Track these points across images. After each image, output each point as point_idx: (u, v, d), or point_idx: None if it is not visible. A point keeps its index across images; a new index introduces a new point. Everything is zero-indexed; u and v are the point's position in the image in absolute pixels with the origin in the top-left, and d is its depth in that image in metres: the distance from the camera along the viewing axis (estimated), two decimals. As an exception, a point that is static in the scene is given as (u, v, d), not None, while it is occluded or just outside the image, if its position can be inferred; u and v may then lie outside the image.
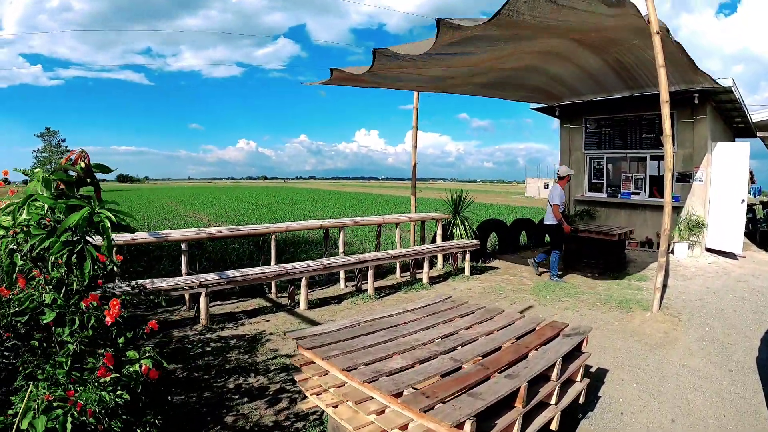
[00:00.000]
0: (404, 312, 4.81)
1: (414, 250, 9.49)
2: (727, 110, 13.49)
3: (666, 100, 6.89)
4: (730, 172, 12.35)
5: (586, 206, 14.41)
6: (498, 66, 9.40)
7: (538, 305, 8.05)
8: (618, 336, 6.63)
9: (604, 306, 7.97)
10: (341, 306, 8.08)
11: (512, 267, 11.17)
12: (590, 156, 14.63)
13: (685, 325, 7.08)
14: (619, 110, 13.52)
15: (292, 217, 23.32)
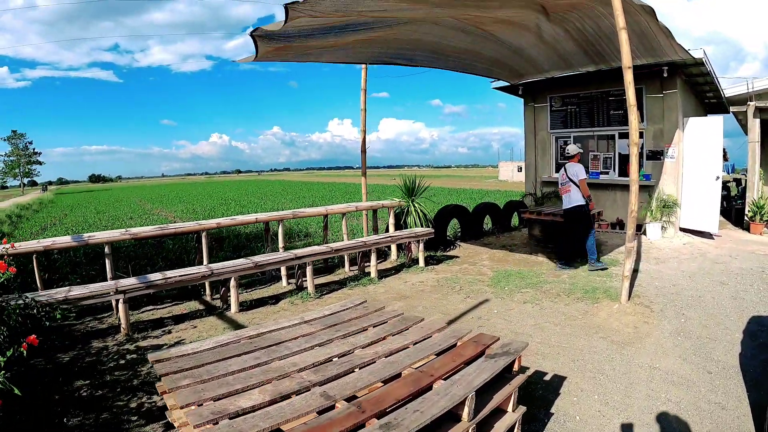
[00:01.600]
0: (299, 324, 3.88)
1: (359, 241, 8.54)
2: (698, 84, 12.88)
3: (628, 66, 6.11)
4: (703, 148, 11.70)
5: (554, 188, 13.53)
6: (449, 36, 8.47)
7: (495, 299, 7.19)
8: (581, 333, 5.78)
9: (568, 297, 7.13)
10: (277, 307, 7.20)
11: (473, 255, 10.30)
12: (556, 135, 13.91)
13: (657, 316, 6.26)
14: (584, 87, 12.84)
15: (261, 211, 22.26)
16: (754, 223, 12.79)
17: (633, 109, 6.17)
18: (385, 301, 6.92)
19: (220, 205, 27.99)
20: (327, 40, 7.73)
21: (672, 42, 8.52)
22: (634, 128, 6.18)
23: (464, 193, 32.84)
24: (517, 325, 6.10)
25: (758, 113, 13.35)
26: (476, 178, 73.74)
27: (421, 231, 9.36)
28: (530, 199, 13.86)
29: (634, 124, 6.18)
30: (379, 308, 4.20)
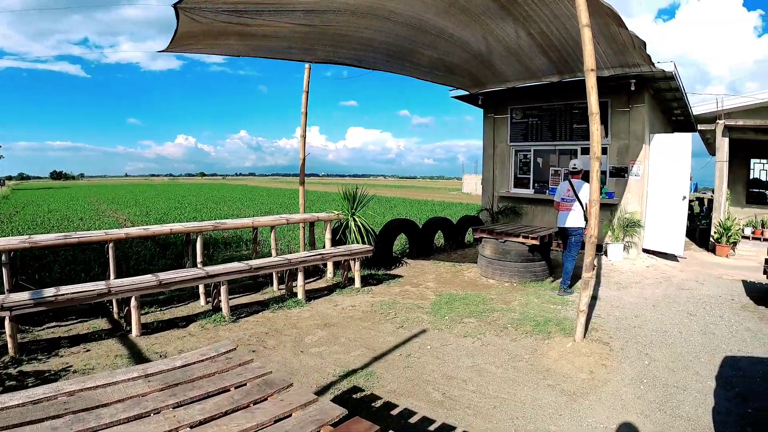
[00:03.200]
0: (137, 379, 2.88)
1: (283, 259, 7.48)
2: (666, 100, 12.38)
3: (591, 69, 5.34)
4: (670, 166, 11.13)
5: (511, 203, 13.01)
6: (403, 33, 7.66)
7: (432, 330, 6.22)
8: (526, 379, 4.87)
9: (516, 330, 6.21)
10: (185, 331, 6.13)
11: (418, 275, 9.37)
12: (516, 148, 13.22)
13: (617, 357, 5.40)
14: (547, 99, 12.24)
15: (216, 216, 21.09)
16: (720, 245, 12.29)
17: (595, 119, 5.36)
18: (306, 329, 6.11)
19: (174, 209, 26.58)
20: (261, 24, 6.73)
21: (642, 52, 7.89)
22: (596, 141, 5.36)
23: (426, 204, 32.03)
24: (451, 366, 5.14)
25: (727, 132, 12.98)
26: (440, 189, 73.17)
27: (357, 248, 8.35)
28: (486, 215, 13.07)
29: (596, 136, 5.36)
30: (246, 361, 3.18)
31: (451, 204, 33.33)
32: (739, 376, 4.98)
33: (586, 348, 5.47)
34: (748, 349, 5.75)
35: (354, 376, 4.81)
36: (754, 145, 14.94)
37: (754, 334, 6.27)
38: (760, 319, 6.90)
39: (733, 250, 12.31)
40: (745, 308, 7.46)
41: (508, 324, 6.35)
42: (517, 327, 6.24)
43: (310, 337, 5.86)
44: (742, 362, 5.34)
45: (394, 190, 63.12)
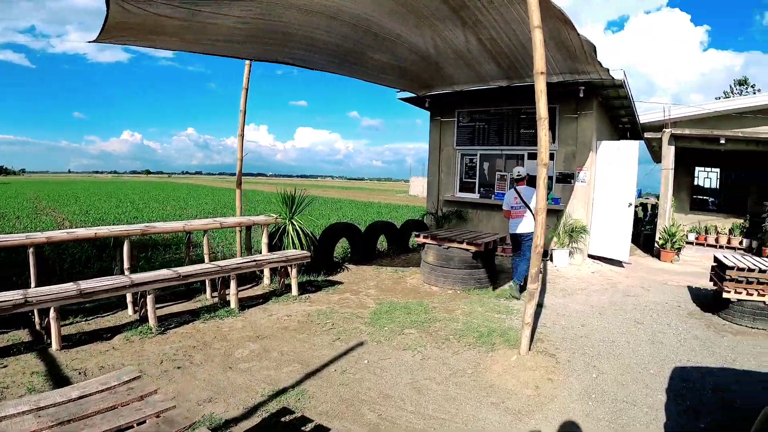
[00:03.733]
0: (28, 413, 2.38)
1: (214, 266, 6.94)
2: (614, 108, 12.39)
3: (541, 71, 5.03)
4: (617, 173, 11.11)
5: (457, 207, 12.73)
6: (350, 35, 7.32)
7: (371, 342, 5.78)
8: (468, 396, 4.49)
9: (459, 341, 5.83)
10: (109, 344, 5.49)
11: (359, 281, 8.92)
12: (462, 152, 12.94)
13: (564, 370, 5.10)
14: (495, 103, 12.02)
15: (158, 216, 20.16)
16: (665, 250, 12.38)
17: (543, 123, 5.04)
18: (238, 342, 5.58)
19: (115, 207, 25.43)
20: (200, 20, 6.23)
21: (592, 57, 7.72)
22: (544, 146, 5.03)
23: (373, 206, 31.68)
24: (389, 383, 4.70)
25: (673, 140, 13.21)
26: (388, 191, 73.06)
27: (294, 254, 7.86)
28: (431, 219, 12.75)
29: (544, 141, 5.03)
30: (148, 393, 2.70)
31: (397, 206, 33.11)
32: (690, 388, 4.75)
33: (532, 361, 5.15)
34: (698, 358, 5.57)
35: (284, 396, 4.34)
36: (698, 154, 15.26)
37: (703, 342, 6.12)
38: (708, 327, 6.79)
39: (677, 256, 12.42)
40: (692, 315, 7.36)
41: (451, 335, 5.97)
42: (460, 338, 5.87)
43: (240, 351, 5.35)
44: (692, 373, 5.13)
45: (342, 192, 62.66)
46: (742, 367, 5.37)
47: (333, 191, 62.89)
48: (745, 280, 6.91)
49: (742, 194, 15.91)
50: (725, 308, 7.17)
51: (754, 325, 6.77)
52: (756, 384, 4.94)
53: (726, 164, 16.12)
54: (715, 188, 16.79)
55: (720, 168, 16.47)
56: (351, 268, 9.85)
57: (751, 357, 5.69)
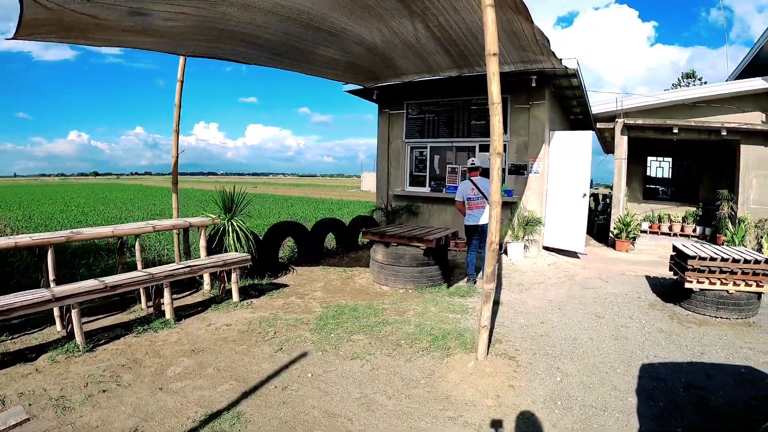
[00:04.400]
0: None
1: (145, 274, 6.27)
2: (566, 98, 12.22)
3: (493, 53, 4.59)
4: (570, 163, 10.95)
5: (407, 202, 12.34)
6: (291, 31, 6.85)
7: (316, 352, 5.21)
8: (423, 412, 4.02)
9: (411, 347, 5.34)
10: (32, 365, 4.77)
11: (306, 283, 8.34)
12: (412, 145, 12.55)
13: (526, 374, 4.70)
14: (445, 94, 11.68)
15: (101, 220, 19.06)
16: (620, 240, 12.30)
17: (496, 109, 4.59)
18: (171, 358, 4.97)
19: (61, 211, 24.07)
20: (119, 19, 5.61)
21: (546, 48, 7.40)
22: (498, 133, 4.59)
23: (324, 203, 31.18)
24: (335, 399, 4.17)
25: (626, 130, 13.21)
26: (339, 188, 72.49)
27: (233, 257, 7.24)
28: (380, 215, 12.30)
29: (497, 128, 4.59)
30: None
31: (348, 202, 32.66)
32: (661, 387, 4.43)
33: (491, 366, 4.72)
34: (665, 353, 5.28)
35: (218, 420, 3.77)
36: (650, 144, 15.38)
37: (668, 335, 5.86)
38: (671, 318, 6.56)
39: (632, 245, 12.38)
40: (653, 306, 7.14)
41: (402, 340, 5.48)
42: (413, 343, 5.38)
43: (173, 369, 4.75)
44: (660, 370, 4.82)
45: (293, 189, 61.72)
46: (711, 360, 5.12)
47: (284, 189, 61.87)
48: (708, 269, 6.74)
49: (695, 183, 16.14)
50: (687, 298, 6.97)
51: (718, 315, 6.61)
52: (727, 378, 4.67)
53: (678, 154, 16.29)
54: (667, 177, 16.95)
55: (672, 157, 16.63)
56: (297, 270, 9.24)
57: (718, 348, 5.46)
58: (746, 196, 12.53)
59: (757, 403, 4.14)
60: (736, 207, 12.52)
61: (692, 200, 15.71)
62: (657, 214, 15.67)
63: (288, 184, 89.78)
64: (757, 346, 5.57)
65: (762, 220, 12.17)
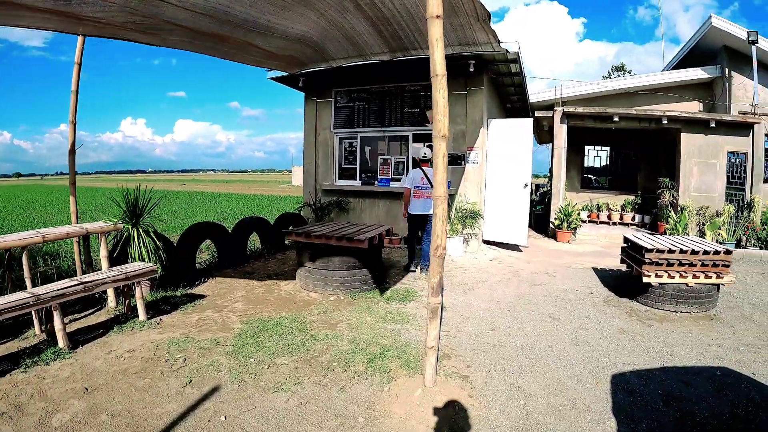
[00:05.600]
0: None
1: (28, 294, 5.14)
2: (503, 85, 11.74)
3: (437, 15, 3.75)
4: (510, 152, 10.44)
5: (337, 197, 11.51)
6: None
7: (232, 383, 4.24)
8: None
9: (346, 370, 4.49)
10: None
11: (226, 292, 7.26)
12: (341, 136, 11.70)
13: (483, 399, 3.98)
14: (377, 80, 10.96)
15: (20, 225, 17.19)
16: (562, 231, 11.98)
17: (440, 82, 3.75)
18: (60, 400, 3.92)
19: None
20: None
21: (486, 26, 6.77)
22: (443, 112, 3.74)
23: (254, 199, 29.98)
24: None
25: (565, 119, 12.97)
26: (270, 183, 70.89)
27: (136, 268, 6.13)
28: (309, 211, 11.39)
29: (441, 105, 3.74)
30: None
31: (279, 198, 31.56)
32: (639, 403, 3.84)
33: (442, 392, 3.93)
34: (632, 359, 4.74)
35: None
36: (588, 133, 15.29)
37: (631, 336, 5.36)
38: (630, 316, 6.09)
39: (574, 236, 12.14)
40: (608, 303, 6.67)
41: (335, 361, 4.61)
42: (347, 365, 4.51)
43: (60, 416, 3.68)
44: (633, 380, 4.25)
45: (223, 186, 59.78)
46: (683, 363, 4.66)
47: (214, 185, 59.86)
48: (666, 261, 6.33)
49: (633, 172, 16.18)
50: (644, 293, 6.55)
51: (678, 309, 6.23)
52: (705, 384, 4.19)
53: (616, 143, 16.26)
54: (605, 166, 16.91)
55: (610, 146, 16.58)
56: (217, 277, 8.10)
57: (687, 348, 5.02)
58: (687, 184, 12.64)
59: (743, 413, 3.69)
60: (677, 195, 12.55)
61: (631, 189, 15.77)
62: (596, 203, 15.60)
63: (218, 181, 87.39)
64: (725, 343, 5.23)
65: (703, 208, 12.29)
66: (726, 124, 12.38)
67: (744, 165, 12.59)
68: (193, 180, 78.73)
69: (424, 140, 10.64)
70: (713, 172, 12.57)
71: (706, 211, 12.18)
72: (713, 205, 12.37)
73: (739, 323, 5.92)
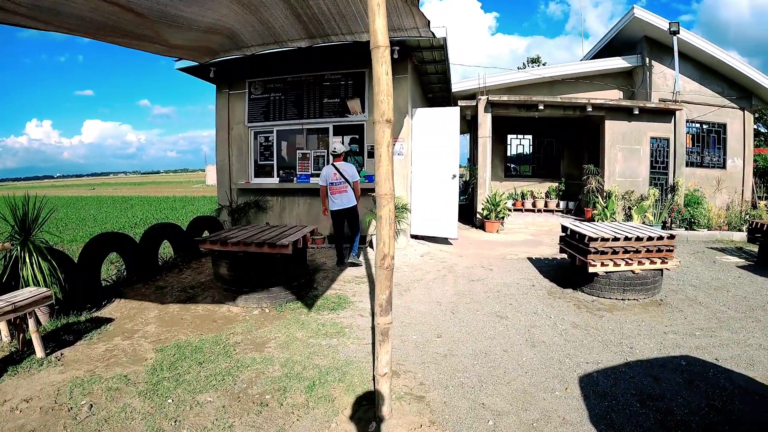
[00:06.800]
0: None
1: None
2: (427, 73, 11.32)
3: None
4: (437, 142, 10.03)
5: (254, 196, 10.66)
6: None
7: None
8: None
9: (282, 404, 3.80)
10: None
11: (135, 315, 6.22)
12: (256, 130, 10.87)
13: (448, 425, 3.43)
14: (294, 69, 10.28)
15: None
16: (490, 221, 11.82)
17: (382, 55, 3.19)
18: None
19: None
20: None
21: (416, 12, 6.15)
22: (385, 91, 3.19)
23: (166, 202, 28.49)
24: None
25: (490, 107, 12.83)
26: (184, 183, 68.25)
27: (26, 296, 5.03)
28: (225, 213, 10.52)
29: (383, 83, 3.19)
30: None
31: (194, 199, 30.21)
32: (615, 407, 3.50)
33: (400, 426, 3.31)
34: (594, 356, 4.43)
35: None
36: (511, 122, 15.46)
37: (585, 330, 5.09)
38: (578, 308, 5.84)
39: (502, 225, 11.98)
40: (552, 295, 6.42)
41: (268, 392, 3.91)
42: (283, 397, 3.83)
43: None
44: (601, 381, 3.93)
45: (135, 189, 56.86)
46: (645, 355, 4.44)
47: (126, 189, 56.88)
48: (611, 250, 6.14)
49: (556, 159, 16.35)
50: (590, 282, 6.35)
51: (625, 297, 6.08)
52: (675, 377, 4.00)
53: (539, 131, 16.36)
54: (528, 154, 16.91)
55: (533, 135, 16.63)
56: (127, 295, 7.07)
57: (644, 339, 4.84)
58: (612, 170, 12.92)
59: (720, 404, 3.53)
60: (603, 180, 12.77)
61: (554, 176, 15.96)
62: (520, 192, 15.67)
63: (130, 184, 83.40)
64: (680, 329, 5.11)
65: (628, 192, 12.62)
66: (649, 111, 12.81)
67: (667, 150, 13.11)
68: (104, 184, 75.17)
69: (344, 132, 10.13)
70: (637, 157, 12.96)
71: (632, 196, 12.52)
72: (638, 189, 12.74)
73: (686, 307, 5.86)
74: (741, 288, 6.79)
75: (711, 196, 13.24)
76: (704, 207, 12.00)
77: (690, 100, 13.46)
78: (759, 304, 6.04)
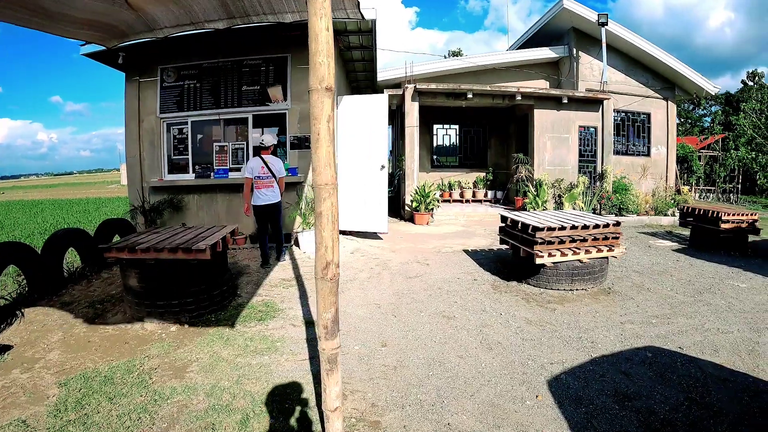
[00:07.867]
0: None
1: None
2: (352, 60, 10.90)
3: None
4: (364, 132, 9.54)
5: (169, 194, 9.67)
6: None
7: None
8: None
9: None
10: None
11: (37, 338, 5.19)
12: (169, 122, 9.88)
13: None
14: (210, 54, 9.43)
15: None
16: (419, 213, 11.61)
17: (321, 6, 2.59)
18: None
19: None
20: None
21: None
22: (327, 52, 2.61)
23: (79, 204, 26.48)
24: None
25: (417, 96, 12.53)
26: (98, 184, 64.72)
27: None
28: (138, 215, 9.52)
29: (324, 40, 2.58)
30: None
31: (108, 200, 28.35)
32: (593, 412, 3.19)
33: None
34: (556, 355, 4.15)
35: None
36: (437, 111, 15.32)
37: (541, 327, 4.82)
38: (528, 302, 5.58)
39: (432, 217, 11.74)
40: (498, 290, 6.10)
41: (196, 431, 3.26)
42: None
43: None
44: (571, 384, 3.63)
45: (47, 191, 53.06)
46: (609, 349, 4.25)
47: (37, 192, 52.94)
48: (558, 240, 5.91)
49: (483, 149, 16.33)
50: (535, 274, 6.13)
51: (573, 287, 5.93)
52: (645, 371, 3.83)
53: (465, 121, 16.24)
54: (455, 144, 16.73)
55: (459, 125, 16.47)
56: (27, 314, 6.14)
57: (603, 331, 4.66)
58: (541, 159, 13.01)
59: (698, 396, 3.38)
60: (532, 169, 12.83)
61: (481, 166, 15.95)
62: (447, 182, 15.52)
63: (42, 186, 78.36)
64: (635, 317, 5.02)
65: (558, 180, 12.79)
66: (578, 100, 13.07)
67: (595, 138, 13.44)
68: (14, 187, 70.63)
69: (265, 123, 9.44)
70: (566, 146, 13.15)
71: (561, 184, 12.69)
72: (567, 177, 12.94)
73: (636, 294, 5.80)
74: (683, 272, 6.84)
75: (637, 183, 13.71)
76: (632, 193, 12.43)
77: (616, 90, 13.85)
78: (704, 287, 6.06)
